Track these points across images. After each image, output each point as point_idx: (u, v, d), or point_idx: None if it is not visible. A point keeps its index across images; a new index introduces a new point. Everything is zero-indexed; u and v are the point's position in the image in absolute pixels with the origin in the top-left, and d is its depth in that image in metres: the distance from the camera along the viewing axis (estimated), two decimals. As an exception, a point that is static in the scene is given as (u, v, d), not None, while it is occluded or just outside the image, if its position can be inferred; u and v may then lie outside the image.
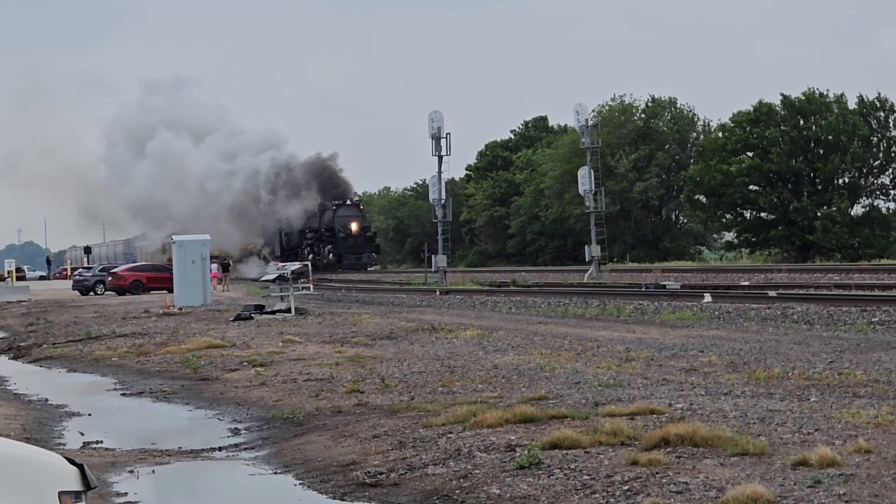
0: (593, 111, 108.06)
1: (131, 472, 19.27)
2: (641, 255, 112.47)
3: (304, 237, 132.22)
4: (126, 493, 17.51)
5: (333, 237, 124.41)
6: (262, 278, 77.54)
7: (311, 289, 58.96)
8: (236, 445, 21.70)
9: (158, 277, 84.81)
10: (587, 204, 74.28)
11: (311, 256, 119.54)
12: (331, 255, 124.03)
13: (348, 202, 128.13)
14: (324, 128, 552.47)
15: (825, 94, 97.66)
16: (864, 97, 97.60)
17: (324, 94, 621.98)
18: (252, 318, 49.02)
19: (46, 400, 29.85)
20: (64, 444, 22.14)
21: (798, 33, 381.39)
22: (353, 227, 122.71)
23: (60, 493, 7.80)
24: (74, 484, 7.88)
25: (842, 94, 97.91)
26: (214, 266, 78.30)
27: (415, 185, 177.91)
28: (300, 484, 17.87)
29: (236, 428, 23.63)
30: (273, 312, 50.62)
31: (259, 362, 32.60)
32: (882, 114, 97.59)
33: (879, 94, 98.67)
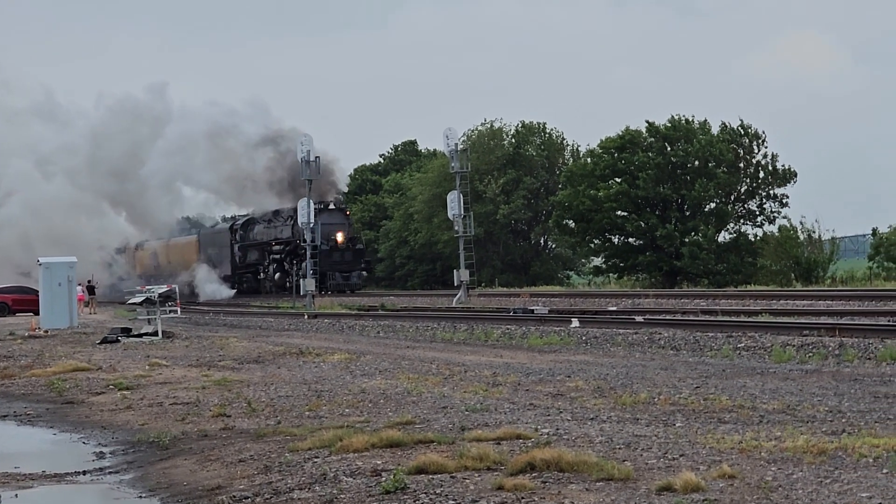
0: (463, 135, 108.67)
1: (-7, 496, 19.14)
2: (510, 280, 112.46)
3: (266, 251, 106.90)
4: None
5: (314, 252, 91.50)
6: (129, 301, 76.93)
7: (179, 312, 58.77)
8: (101, 469, 21.59)
9: (25, 300, 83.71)
10: (456, 228, 74.42)
11: (277, 276, 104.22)
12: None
13: (332, 206, 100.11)
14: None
15: (690, 120, 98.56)
16: (728, 124, 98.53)
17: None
18: (119, 341, 48.79)
19: None
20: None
21: (659, 62, 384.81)
22: (339, 237, 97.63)
23: None
24: None
25: (705, 121, 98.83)
26: (80, 288, 77.49)
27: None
28: (165, 509, 17.86)
29: (101, 451, 23.51)
30: (140, 336, 50.40)
31: (125, 385, 32.43)
32: (747, 140, 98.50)
33: (742, 120, 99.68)
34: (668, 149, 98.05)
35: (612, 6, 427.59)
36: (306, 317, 64.86)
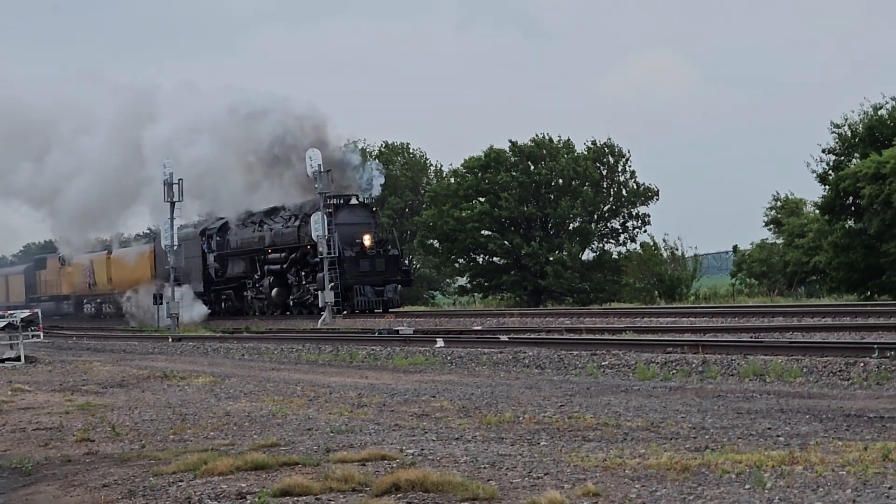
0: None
1: None
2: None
3: (256, 261, 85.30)
4: None
5: (334, 260, 73.60)
6: None
7: (42, 336, 58.39)
8: (-38, 497, 21.42)
9: None
10: (320, 249, 74.29)
11: (274, 292, 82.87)
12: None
13: (353, 200, 77.96)
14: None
15: (554, 139, 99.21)
16: (597, 141, 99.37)
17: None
18: (-21, 367, 48.32)
19: None
20: None
21: (511, 83, 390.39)
22: (367, 240, 75.44)
23: None
24: None
25: (569, 139, 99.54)
26: None
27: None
28: (27, 538, 17.75)
29: (-38, 478, 23.32)
30: (2, 361, 49.94)
31: (-13, 411, 32.18)
32: (611, 158, 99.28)
33: (609, 138, 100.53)
34: (532, 168, 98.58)
35: (459, 28, 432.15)
36: (170, 340, 64.55)
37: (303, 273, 79.23)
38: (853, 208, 78.50)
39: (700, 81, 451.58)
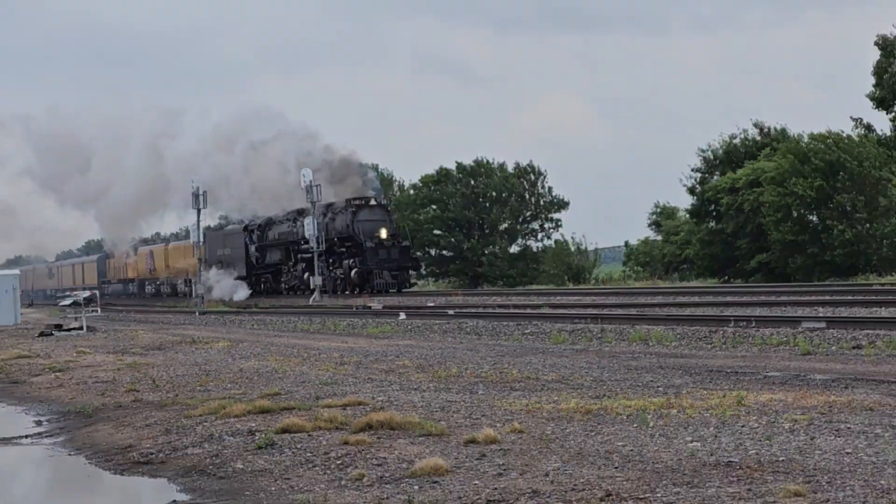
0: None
1: (-45, 456, 18.86)
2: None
3: (291, 251, 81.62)
4: (-53, 475, 17.15)
5: (357, 250, 73.07)
6: (60, 304, 75.84)
7: (99, 311, 58.28)
8: (39, 434, 21.27)
9: None
10: (312, 246, 73.77)
11: (306, 276, 78.07)
12: (353, 273, 72.96)
13: (372, 202, 76.60)
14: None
15: (490, 161, 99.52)
16: (519, 163, 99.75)
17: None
18: (52, 334, 48.06)
19: None
20: None
21: (456, 117, 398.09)
22: (383, 233, 73.24)
23: None
24: None
25: (504, 162, 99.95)
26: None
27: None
28: (89, 462, 17.60)
29: (39, 420, 23.13)
30: (69, 330, 49.79)
31: (58, 368, 31.92)
32: (532, 176, 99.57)
33: (531, 161, 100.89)
34: (472, 182, 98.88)
35: (413, 74, 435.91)
36: (197, 314, 64.31)
37: (330, 260, 75.72)
38: (714, 213, 78.95)
39: (596, 117, 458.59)
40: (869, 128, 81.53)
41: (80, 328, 50.09)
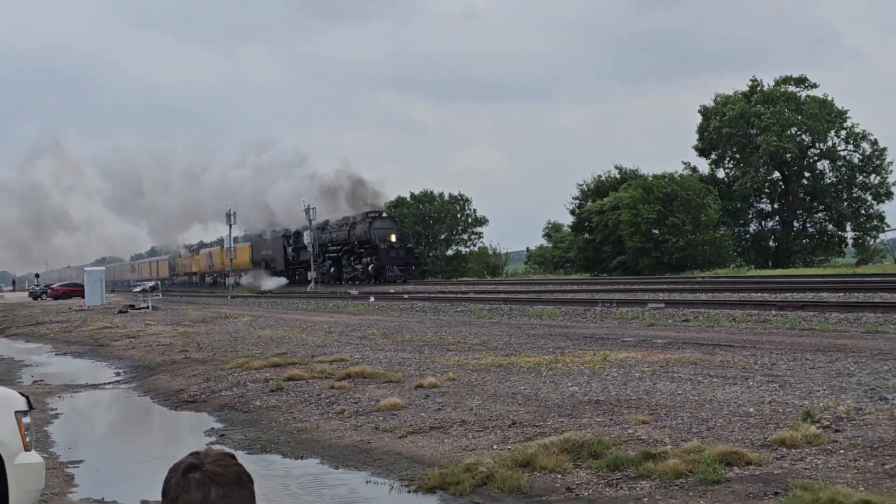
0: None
1: (60, 397, 18.76)
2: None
3: (323, 251, 75.93)
4: (56, 409, 17.04)
5: (373, 250, 69.10)
6: (134, 290, 75.41)
7: (161, 296, 58.17)
8: (118, 381, 21.19)
9: (76, 290, 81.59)
10: (309, 249, 73.30)
11: (332, 270, 75.17)
12: (370, 267, 69.20)
13: (384, 214, 72.66)
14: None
15: (433, 192, 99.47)
16: (452, 193, 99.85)
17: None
18: (128, 312, 47.80)
19: (12, 358, 28.76)
20: (21, 382, 21.33)
21: (410, 161, 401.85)
22: (393, 238, 69.50)
23: (15, 412, 7.65)
24: (23, 406, 7.74)
25: (442, 192, 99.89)
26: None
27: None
28: (153, 401, 17.61)
29: (118, 371, 23.06)
30: (140, 309, 49.56)
31: (131, 335, 31.76)
32: (462, 202, 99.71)
33: (460, 192, 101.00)
34: (421, 206, 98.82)
35: (379, 131, 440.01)
36: (230, 297, 63.94)
37: (352, 259, 72.52)
38: (588, 228, 79.17)
39: (506, 160, 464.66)
40: (694, 169, 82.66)
41: (147, 307, 49.89)
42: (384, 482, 9.80)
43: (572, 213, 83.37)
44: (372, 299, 44.47)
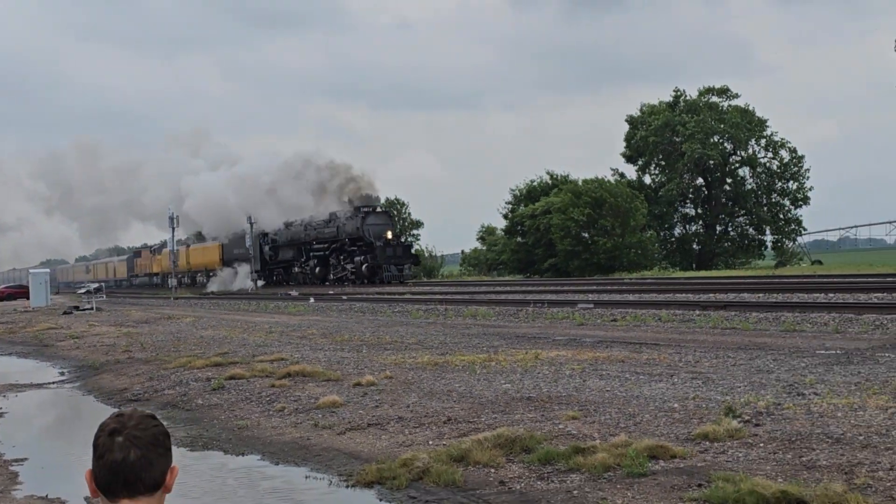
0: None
1: (4, 396, 18.43)
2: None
3: (303, 249, 69.11)
4: (0, 408, 16.78)
5: (367, 248, 61.69)
6: (79, 291, 74.16)
7: (104, 297, 57.54)
8: (62, 381, 20.86)
9: (21, 291, 79.91)
10: (250, 253, 72.66)
11: (318, 270, 67.54)
12: (364, 267, 61.64)
13: (378, 209, 65.11)
14: None
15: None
16: (389, 197, 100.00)
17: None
18: (72, 313, 47.15)
19: (-50, 359, 28.22)
20: (-39, 384, 20.95)
21: (344, 162, 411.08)
22: (389, 234, 62.17)
23: None
24: None
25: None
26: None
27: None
28: (97, 400, 17.37)
29: (62, 371, 22.70)
30: (84, 310, 48.93)
31: (76, 336, 31.28)
32: (399, 206, 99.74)
33: (397, 196, 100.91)
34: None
35: (317, 138, 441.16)
36: (173, 298, 63.18)
37: (341, 257, 65.04)
38: (520, 231, 79.53)
39: (440, 166, 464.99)
40: (622, 175, 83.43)
41: (92, 308, 49.29)
42: (323, 477, 9.78)
43: (505, 217, 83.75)
44: (312, 300, 44.26)
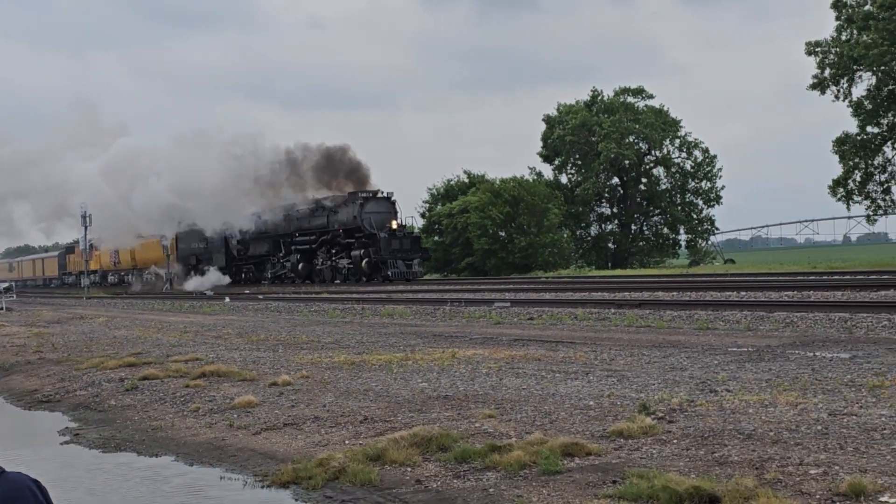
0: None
1: None
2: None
3: (282, 243, 61.13)
4: None
5: (367, 241, 53.66)
6: None
7: (15, 297, 56.37)
8: (-36, 383, 20.39)
9: None
10: (167, 252, 71.61)
11: (301, 266, 59.61)
12: (365, 263, 53.53)
13: (380, 195, 55.53)
14: None
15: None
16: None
17: None
18: (-23, 313, 46.12)
19: None
20: None
21: None
22: (393, 224, 53.74)
23: None
24: None
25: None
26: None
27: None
28: (7, 401, 16.98)
29: (-36, 373, 22.18)
30: (-10, 310, 47.93)
31: (-22, 337, 30.62)
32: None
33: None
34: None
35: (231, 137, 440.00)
36: (85, 298, 62.01)
37: (333, 251, 57.00)
38: (438, 230, 79.68)
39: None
40: (539, 174, 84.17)
41: (1, 308, 48.18)
42: (238, 477, 9.69)
43: (423, 216, 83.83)
44: (227, 300, 43.82)
